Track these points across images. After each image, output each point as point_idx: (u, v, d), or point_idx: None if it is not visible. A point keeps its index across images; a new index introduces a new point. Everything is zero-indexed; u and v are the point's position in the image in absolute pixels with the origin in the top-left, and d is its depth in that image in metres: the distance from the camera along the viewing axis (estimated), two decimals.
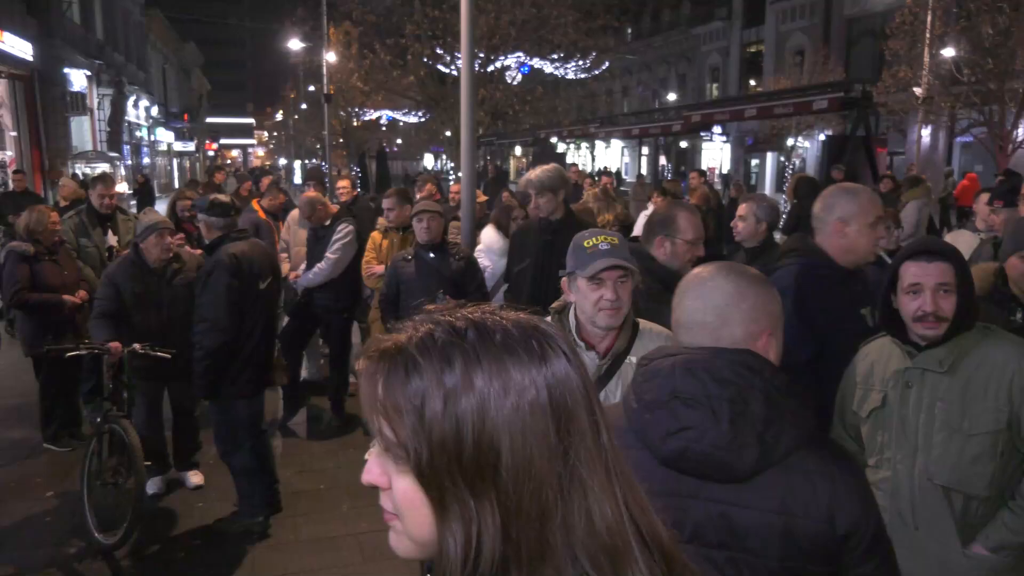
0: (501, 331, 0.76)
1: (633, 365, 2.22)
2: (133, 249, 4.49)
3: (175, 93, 46.95)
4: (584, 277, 2.17)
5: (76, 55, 23.55)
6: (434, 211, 4.64)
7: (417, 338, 0.75)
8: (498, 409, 0.73)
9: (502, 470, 0.72)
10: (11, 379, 5.78)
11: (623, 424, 1.45)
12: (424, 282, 4.46)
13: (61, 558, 3.94)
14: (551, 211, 4.17)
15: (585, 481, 0.75)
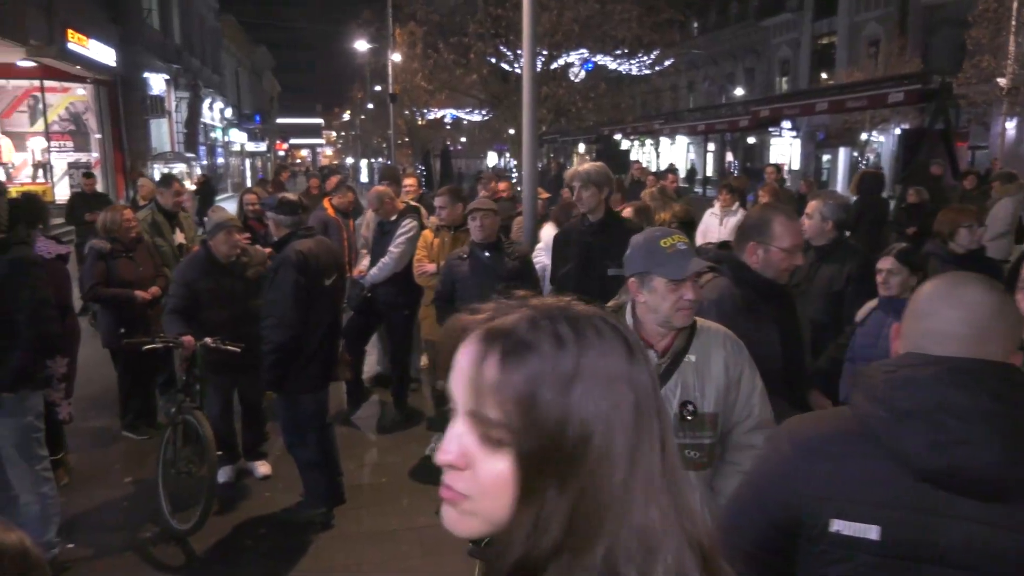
0: (591, 324, 0.77)
1: (692, 363, 2.19)
2: (203, 246, 4.64)
3: (248, 95, 48.45)
4: (666, 278, 2.12)
5: (155, 60, 24.53)
6: (488, 209, 4.64)
7: (526, 322, 0.76)
8: (597, 401, 0.73)
9: (588, 461, 0.73)
10: (93, 370, 6.06)
11: (853, 430, 1.37)
12: (478, 281, 4.48)
13: (138, 542, 4.12)
14: (593, 207, 4.13)
15: (647, 476, 0.76)
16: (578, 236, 4.22)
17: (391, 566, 3.86)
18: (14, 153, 19.48)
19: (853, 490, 1.36)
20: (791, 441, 1.48)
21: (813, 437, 1.45)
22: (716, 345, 2.22)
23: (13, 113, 19.67)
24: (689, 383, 2.18)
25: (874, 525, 1.33)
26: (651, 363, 0.81)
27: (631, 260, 2.22)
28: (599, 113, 21.31)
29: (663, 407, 0.80)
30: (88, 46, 18.60)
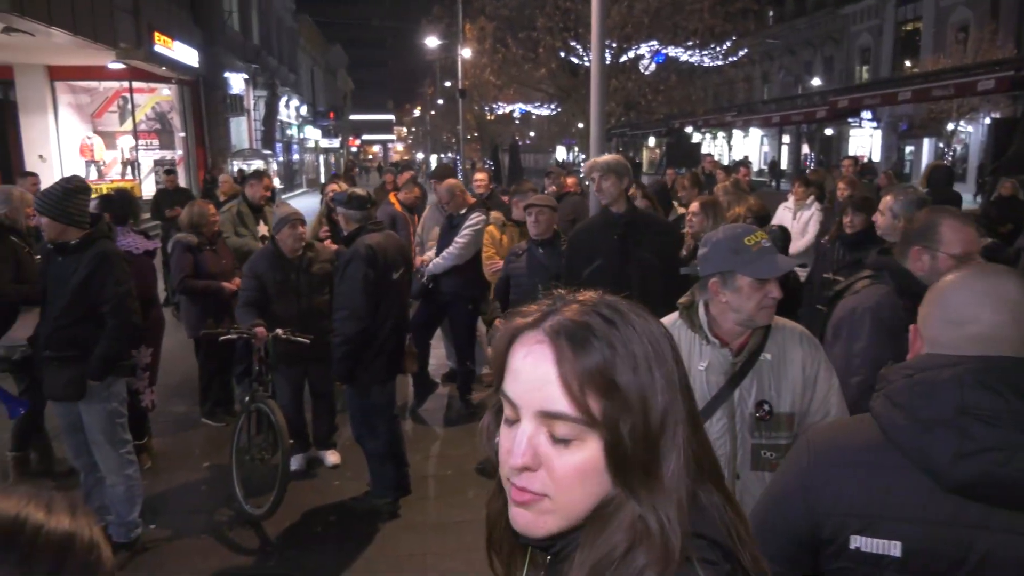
0: (631, 310, 0.83)
1: (768, 361, 2.13)
2: (271, 241, 4.78)
3: (322, 93, 49.65)
4: (752, 277, 2.05)
5: (235, 60, 25.38)
6: (544, 205, 4.61)
7: (584, 314, 0.81)
8: (656, 376, 0.79)
9: (667, 435, 0.79)
10: (176, 359, 6.33)
11: (875, 439, 1.31)
12: (532, 277, 4.46)
13: (214, 524, 4.28)
14: (615, 197, 4.04)
15: (679, 437, 0.80)
16: (606, 230, 4.10)
17: (456, 557, 3.90)
18: (105, 151, 20.49)
19: (873, 504, 1.28)
20: (810, 451, 1.41)
21: (832, 447, 1.38)
22: (793, 343, 2.16)
23: (104, 113, 20.67)
24: (765, 382, 2.13)
25: (896, 541, 1.26)
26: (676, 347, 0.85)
27: (711, 258, 2.14)
28: (669, 106, 20.98)
29: (686, 385, 0.84)
30: (173, 48, 19.38)
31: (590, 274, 4.09)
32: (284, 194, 25.95)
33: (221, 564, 3.89)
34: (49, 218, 3.64)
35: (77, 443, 3.89)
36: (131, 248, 4.76)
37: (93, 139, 20.29)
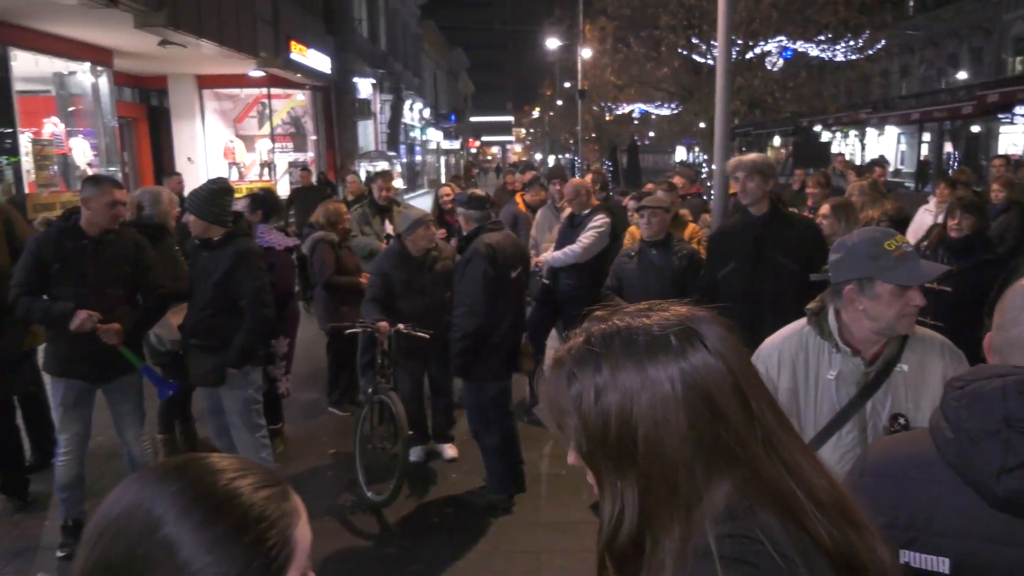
0: (644, 333, 0.88)
1: (904, 372, 2.02)
2: (396, 240, 4.95)
3: (444, 96, 50.93)
4: (894, 283, 1.95)
5: (364, 66, 26.48)
6: (656, 206, 4.55)
7: (575, 350, 0.91)
8: (636, 403, 0.85)
9: (639, 456, 0.85)
10: (308, 351, 6.69)
11: (927, 453, 1.26)
12: (644, 280, 4.42)
13: (338, 509, 4.49)
14: (757, 199, 3.88)
15: (735, 453, 0.84)
16: (743, 232, 3.98)
17: (569, 556, 3.91)
18: (245, 154, 21.92)
19: (923, 518, 1.24)
20: (864, 464, 1.37)
21: (886, 460, 1.34)
22: (933, 354, 2.03)
23: (245, 118, 22.10)
24: (901, 394, 2.01)
25: (945, 557, 1.21)
26: (730, 351, 0.88)
27: (846, 264, 2.03)
28: (798, 104, 20.12)
29: (751, 387, 0.87)
30: (307, 55, 20.46)
31: (723, 277, 4.01)
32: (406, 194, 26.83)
33: (344, 546, 4.08)
34: (195, 216, 3.94)
35: (218, 425, 4.19)
36: (273, 244, 5.07)
37: (235, 142, 21.74)
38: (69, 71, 15.52)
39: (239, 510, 0.78)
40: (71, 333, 3.70)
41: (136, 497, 0.77)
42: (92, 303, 3.75)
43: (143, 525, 0.75)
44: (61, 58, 14.80)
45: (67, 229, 3.83)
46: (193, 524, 0.75)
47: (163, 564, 0.73)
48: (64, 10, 11.40)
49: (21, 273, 3.79)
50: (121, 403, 4.04)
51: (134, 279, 3.99)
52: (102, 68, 15.88)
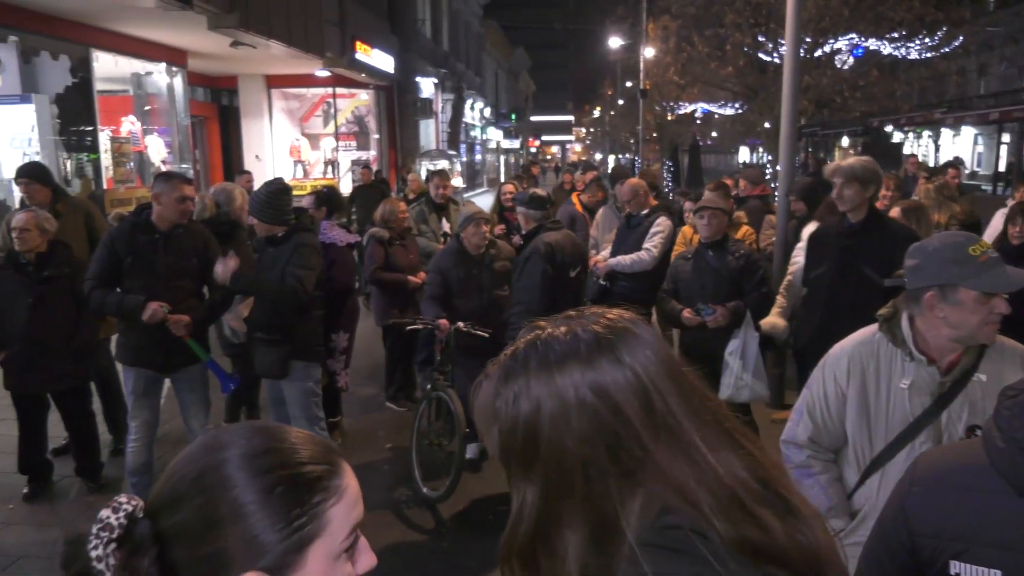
0: (560, 344, 0.94)
1: (982, 383, 1.94)
2: (455, 238, 4.99)
3: (505, 95, 51.12)
4: (979, 290, 1.87)
5: (426, 66, 26.77)
6: (716, 207, 4.45)
7: (503, 361, 0.98)
8: (541, 410, 0.91)
9: (540, 458, 0.91)
10: (366, 345, 6.80)
11: (979, 462, 1.24)
12: (700, 281, 4.34)
13: (393, 502, 4.55)
14: (855, 205, 3.74)
15: (637, 456, 0.89)
16: (836, 237, 3.88)
17: None
18: (310, 152, 22.44)
19: (973, 529, 1.20)
20: (914, 475, 1.33)
21: (936, 469, 1.31)
22: (1014, 364, 1.94)
23: (311, 117, 22.62)
24: (978, 406, 1.93)
25: (996, 569, 1.17)
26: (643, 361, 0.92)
27: (926, 269, 1.95)
28: (868, 103, 19.49)
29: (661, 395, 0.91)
30: (372, 55, 20.81)
31: (814, 279, 3.95)
32: (466, 193, 27.03)
33: (399, 538, 4.13)
34: (257, 219, 4.05)
35: (280, 416, 4.30)
36: (335, 240, 5.17)
37: (301, 141, 22.27)
38: (146, 71, 16.14)
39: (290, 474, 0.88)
40: (142, 324, 3.85)
41: (207, 461, 0.88)
42: (162, 295, 3.90)
43: (216, 486, 0.85)
44: (139, 59, 15.41)
45: (139, 224, 3.98)
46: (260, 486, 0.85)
47: (231, 521, 0.84)
48: (142, 12, 11.85)
49: (95, 266, 3.96)
50: (187, 392, 4.18)
51: (201, 272, 4.13)
52: (177, 68, 16.47)
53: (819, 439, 2.22)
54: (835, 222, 4.04)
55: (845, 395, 2.13)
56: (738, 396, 4.19)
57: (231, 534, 0.83)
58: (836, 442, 2.21)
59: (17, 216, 4.45)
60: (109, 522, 0.81)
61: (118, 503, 0.83)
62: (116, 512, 0.82)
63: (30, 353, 4.37)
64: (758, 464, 0.94)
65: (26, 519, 4.35)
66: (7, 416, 4.86)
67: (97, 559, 0.79)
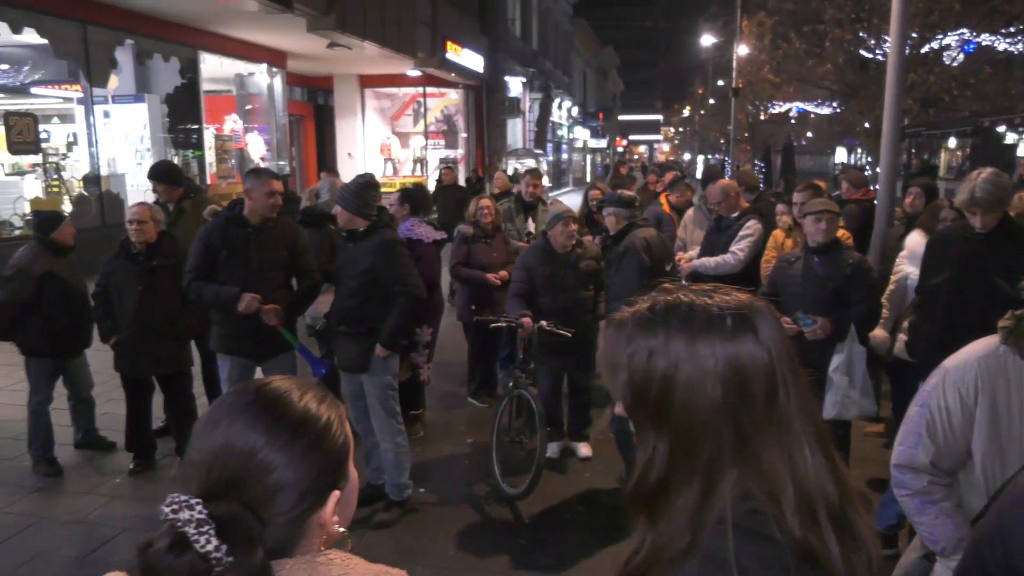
0: (703, 311, 0.97)
1: None
2: (542, 236, 4.99)
3: (593, 94, 50.86)
4: None
5: (515, 65, 26.91)
6: (830, 211, 4.17)
7: (638, 315, 1.01)
8: (678, 371, 0.94)
9: (673, 416, 0.95)
10: (449, 340, 6.90)
11: None
12: (804, 287, 4.10)
13: (472, 497, 4.61)
14: (984, 225, 3.51)
15: (747, 436, 0.93)
16: (958, 244, 3.63)
17: None
18: (400, 150, 22.94)
19: None
20: (1013, 491, 1.27)
21: None
22: None
23: (401, 116, 23.14)
24: None
25: None
26: (774, 344, 0.95)
27: None
28: (980, 102, 18.38)
29: (784, 381, 0.95)
30: (462, 55, 21.09)
31: (932, 287, 3.73)
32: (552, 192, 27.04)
33: (477, 533, 4.18)
34: (341, 207, 4.16)
35: (358, 409, 4.39)
36: (421, 237, 5.27)
37: (391, 139, 22.80)
38: (248, 72, 16.85)
39: (314, 424, 1.00)
40: (237, 314, 4.03)
41: (228, 432, 0.97)
42: (255, 287, 4.08)
43: (242, 454, 0.95)
44: (242, 60, 16.09)
45: (233, 218, 4.17)
46: (280, 443, 0.96)
47: (264, 480, 0.95)
48: (246, 16, 12.36)
49: (193, 260, 4.18)
50: None
51: (290, 264, 4.29)
52: (277, 69, 17.11)
53: (940, 462, 2.07)
54: (958, 228, 3.81)
55: (972, 413, 2.00)
56: (846, 414, 3.97)
57: None
58: (956, 464, 2.08)
59: (132, 209, 4.74)
60: (201, 517, 0.86)
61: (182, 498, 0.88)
62: (192, 506, 0.87)
63: (139, 338, 4.64)
64: (840, 478, 0.96)
65: (130, 494, 4.62)
66: (116, 396, 5.17)
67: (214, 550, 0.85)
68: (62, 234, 4.86)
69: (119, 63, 12.78)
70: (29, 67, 12.87)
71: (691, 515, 0.93)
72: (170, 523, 0.85)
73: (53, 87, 13.03)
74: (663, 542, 0.96)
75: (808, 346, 3.99)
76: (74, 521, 4.26)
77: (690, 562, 0.91)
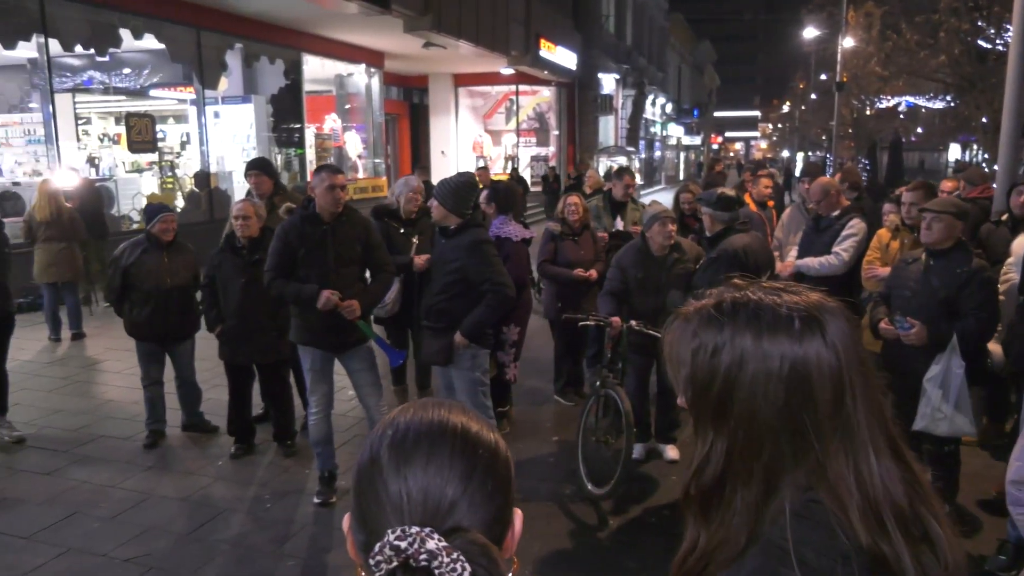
0: (771, 311, 0.95)
1: None
2: (640, 237, 4.92)
3: (687, 90, 49.83)
4: None
5: (608, 62, 26.67)
6: (941, 210, 3.84)
7: (704, 309, 0.99)
8: (742, 370, 0.93)
9: (733, 414, 0.94)
10: (536, 338, 6.93)
11: None
12: (915, 291, 3.85)
13: (557, 496, 4.60)
14: None
15: (811, 442, 0.91)
16: None
17: None
18: (492, 148, 23.16)
19: None
20: None
21: None
22: None
23: (494, 114, 23.35)
24: None
25: None
26: (845, 348, 0.92)
27: None
28: None
29: (853, 387, 0.92)
30: (555, 53, 21.08)
31: None
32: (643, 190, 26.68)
33: (561, 531, 4.17)
34: (438, 202, 4.22)
35: None
36: (510, 235, 5.30)
37: (483, 137, 23.05)
38: (348, 72, 17.39)
39: (499, 453, 0.90)
40: (317, 310, 4.16)
41: (426, 476, 0.83)
42: (332, 283, 4.20)
43: (442, 496, 0.82)
44: (342, 61, 16.61)
45: (308, 216, 4.28)
46: (478, 483, 0.84)
47: (463, 517, 0.82)
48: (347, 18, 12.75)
49: (273, 258, 4.31)
50: (359, 372, 4.47)
51: (364, 258, 4.40)
52: (375, 69, 17.58)
53: None
54: None
55: None
56: (935, 428, 3.74)
57: None
58: None
59: (238, 205, 4.97)
60: (436, 547, 0.74)
61: (413, 529, 0.75)
62: (428, 537, 0.75)
63: (241, 328, 4.87)
64: (913, 479, 0.95)
65: (232, 476, 4.86)
66: (221, 383, 5.45)
67: None
68: (157, 228, 5.16)
69: (229, 66, 13.45)
70: (148, 71, 13.72)
71: (748, 516, 0.93)
72: (405, 556, 0.73)
73: (169, 89, 13.84)
74: (718, 541, 0.95)
75: (908, 352, 3.79)
76: (180, 499, 4.52)
77: (749, 553, 0.91)
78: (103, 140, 13.28)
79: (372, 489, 0.84)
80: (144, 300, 5.13)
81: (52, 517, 4.27)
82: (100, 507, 4.40)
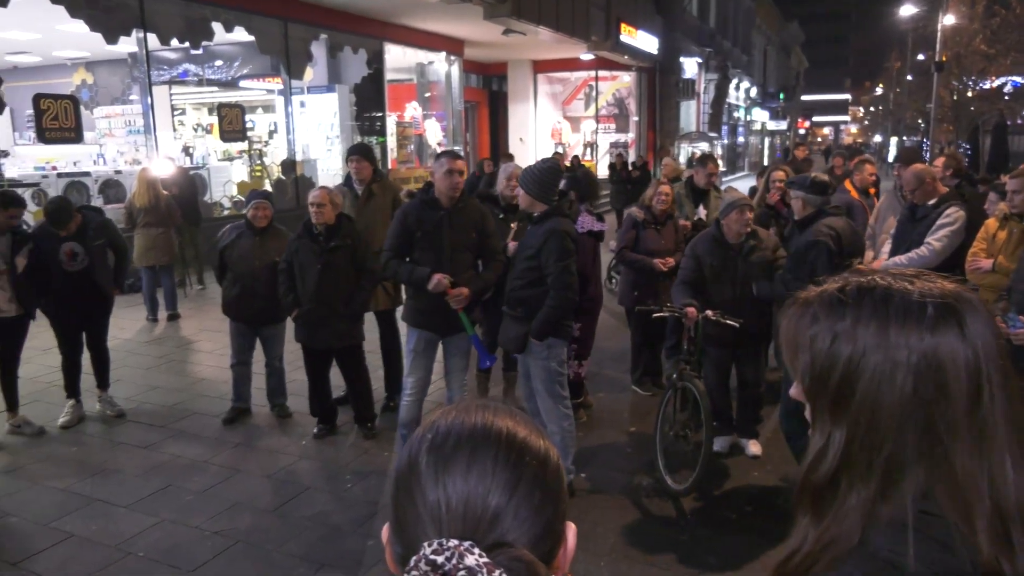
0: (901, 299, 0.89)
1: None
2: (715, 225, 4.78)
3: (773, 73, 48.18)
4: None
5: (691, 45, 26.06)
6: None
7: (827, 293, 0.94)
8: (865, 359, 0.88)
9: (852, 406, 0.88)
10: (610, 327, 6.86)
11: None
12: None
13: (633, 487, 4.54)
14: None
15: (939, 437, 0.85)
16: None
17: None
18: (571, 135, 23.00)
19: None
20: None
21: None
22: None
23: (573, 101, 23.17)
24: None
25: None
26: (984, 341, 0.85)
27: None
28: None
29: (992, 383, 0.85)
30: (636, 37, 20.72)
31: None
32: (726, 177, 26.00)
33: (636, 524, 4.11)
34: (524, 190, 4.20)
35: (528, 389, 4.46)
36: (578, 226, 5.23)
37: (562, 124, 22.91)
38: (428, 61, 17.56)
39: (551, 463, 0.81)
40: (428, 292, 4.25)
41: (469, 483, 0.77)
42: (446, 267, 4.30)
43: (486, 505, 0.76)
44: (423, 50, 16.79)
45: (427, 201, 4.37)
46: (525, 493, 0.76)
47: (510, 531, 0.75)
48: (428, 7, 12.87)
49: (391, 239, 4.45)
50: (453, 356, 4.58)
51: (479, 245, 4.45)
52: (454, 57, 17.69)
53: None
54: None
55: None
56: None
57: None
58: None
59: (313, 193, 5.09)
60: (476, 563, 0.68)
61: (450, 546, 0.69)
62: (467, 552, 0.69)
63: (317, 312, 5.00)
64: None
65: (315, 455, 5.01)
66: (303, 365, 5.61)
67: None
68: (251, 213, 5.39)
69: (314, 56, 13.79)
70: (238, 63, 14.22)
71: (864, 514, 0.87)
72: (442, 573, 0.67)
73: (258, 80, 14.31)
74: (828, 539, 0.89)
75: (1019, 351, 3.55)
76: (265, 476, 4.69)
77: (851, 560, 0.86)
78: (197, 130, 13.86)
79: (409, 498, 0.77)
80: (235, 280, 5.36)
81: (148, 488, 4.51)
82: (192, 480, 4.62)
